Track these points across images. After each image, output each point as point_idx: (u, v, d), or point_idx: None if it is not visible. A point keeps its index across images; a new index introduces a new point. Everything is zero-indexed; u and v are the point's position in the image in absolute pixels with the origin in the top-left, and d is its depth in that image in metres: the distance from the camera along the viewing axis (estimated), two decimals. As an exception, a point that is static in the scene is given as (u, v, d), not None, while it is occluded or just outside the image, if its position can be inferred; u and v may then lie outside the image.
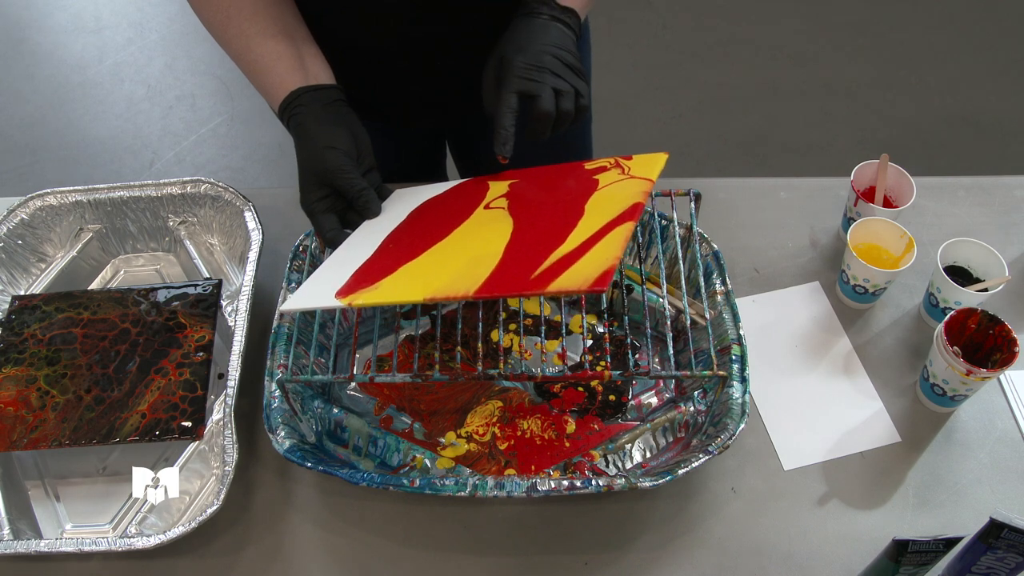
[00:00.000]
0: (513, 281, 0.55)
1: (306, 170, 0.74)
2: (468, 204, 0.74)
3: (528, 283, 0.55)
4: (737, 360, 0.78)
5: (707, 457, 0.71)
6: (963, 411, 0.84)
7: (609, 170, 0.74)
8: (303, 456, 0.74)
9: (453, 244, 0.64)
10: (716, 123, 2.21)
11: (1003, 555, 0.64)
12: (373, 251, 0.71)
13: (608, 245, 0.56)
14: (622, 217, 0.60)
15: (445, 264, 0.61)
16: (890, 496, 0.79)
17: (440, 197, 0.78)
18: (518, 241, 0.60)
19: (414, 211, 0.76)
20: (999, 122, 2.18)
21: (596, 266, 0.54)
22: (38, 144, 2.24)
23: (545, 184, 0.74)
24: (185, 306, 0.86)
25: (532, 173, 0.78)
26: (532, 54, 0.71)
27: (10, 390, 0.81)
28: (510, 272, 0.56)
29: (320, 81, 0.77)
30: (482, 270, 0.58)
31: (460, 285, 0.58)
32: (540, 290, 0.54)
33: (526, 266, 0.57)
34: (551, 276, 0.55)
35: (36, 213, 0.94)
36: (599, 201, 0.65)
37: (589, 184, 0.70)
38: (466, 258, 0.61)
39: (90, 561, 0.76)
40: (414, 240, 0.68)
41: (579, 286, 0.54)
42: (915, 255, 0.86)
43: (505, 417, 0.83)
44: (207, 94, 2.34)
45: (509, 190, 0.75)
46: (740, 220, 1.00)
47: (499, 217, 0.67)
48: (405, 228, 0.73)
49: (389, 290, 0.60)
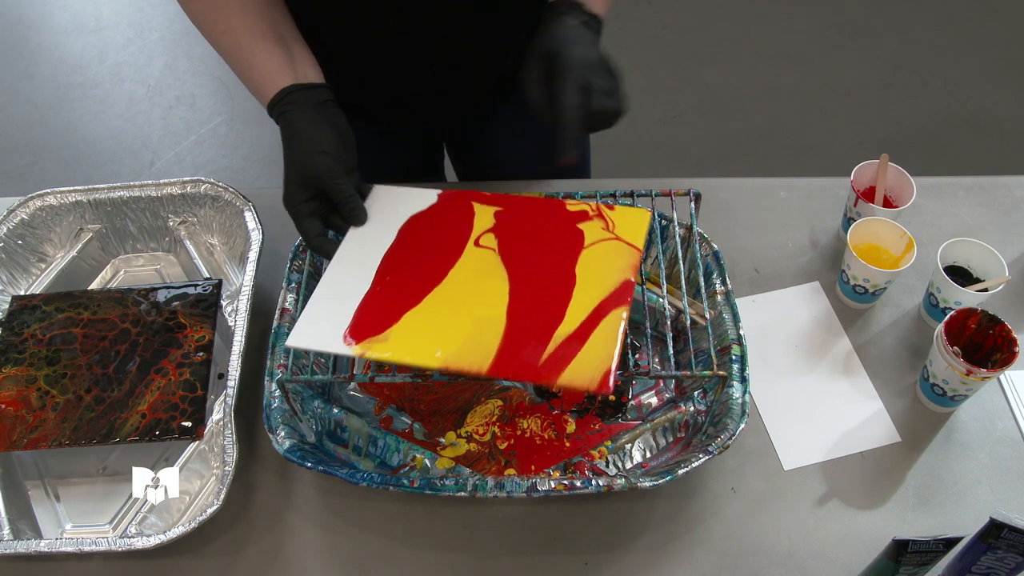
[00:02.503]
0: (524, 367, 0.64)
1: (294, 170, 0.74)
2: (457, 233, 0.76)
3: (538, 371, 0.64)
4: (737, 360, 0.78)
5: (707, 457, 0.71)
6: (963, 411, 0.84)
7: (591, 218, 0.77)
8: (303, 456, 0.74)
9: (453, 293, 0.70)
10: (716, 123, 2.21)
11: (1003, 555, 0.64)
12: (370, 282, 0.72)
13: (605, 338, 0.65)
14: (614, 298, 0.68)
15: (452, 324, 0.67)
16: (890, 496, 0.79)
17: (427, 215, 0.78)
18: (517, 306, 0.68)
19: (403, 230, 0.77)
20: (999, 122, 2.18)
21: (598, 364, 0.64)
22: (38, 144, 2.24)
23: (529, 223, 0.77)
24: (185, 306, 0.86)
25: (513, 202, 0.79)
26: (583, 51, 0.71)
27: (10, 390, 0.81)
28: (518, 350, 0.65)
29: (310, 80, 0.77)
30: (490, 340, 0.66)
31: (473, 357, 0.65)
32: (550, 382, 0.64)
33: (533, 345, 0.65)
34: (557, 364, 0.64)
35: (36, 213, 0.94)
36: (588, 265, 0.72)
37: (574, 236, 0.75)
38: (472, 321, 0.67)
39: (90, 561, 0.76)
40: (412, 277, 0.71)
41: (586, 385, 0.63)
42: (915, 255, 0.86)
43: (505, 416, 0.83)
44: (207, 94, 2.34)
45: (496, 223, 0.77)
46: (740, 220, 1.00)
47: (492, 264, 0.72)
48: (398, 256, 0.74)
49: (401, 346, 0.66)
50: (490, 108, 1.02)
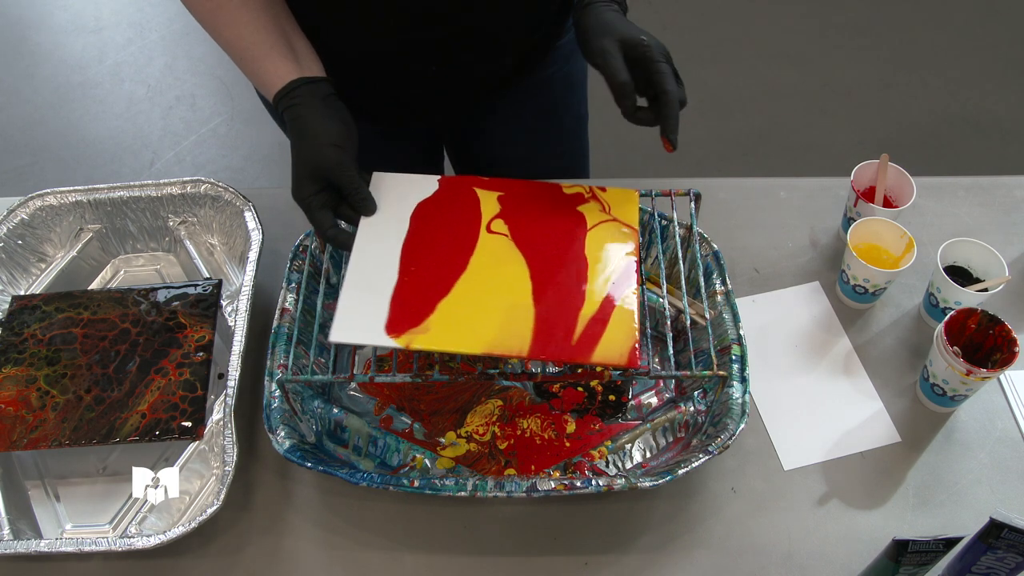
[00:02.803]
0: (560, 349, 0.69)
1: (304, 164, 0.74)
2: (467, 219, 0.78)
3: (572, 351, 0.69)
4: (737, 360, 0.78)
5: (707, 457, 0.71)
6: (963, 411, 0.84)
7: (588, 201, 0.80)
8: (303, 456, 0.74)
9: (478, 281, 0.73)
10: (716, 123, 2.21)
11: (1003, 555, 0.64)
12: (396, 273, 0.74)
13: (625, 315, 0.71)
14: (625, 277, 0.73)
15: (484, 311, 0.71)
16: (890, 496, 0.79)
17: (433, 202, 0.79)
18: (542, 292, 0.72)
19: (414, 218, 0.78)
20: (999, 122, 2.18)
21: (624, 339, 0.69)
22: (38, 144, 2.24)
23: (533, 207, 0.79)
24: (185, 306, 0.86)
25: (512, 186, 0.81)
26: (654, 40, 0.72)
27: (10, 390, 0.81)
28: (550, 333, 0.70)
29: (313, 73, 0.77)
30: (523, 325, 0.70)
31: (512, 343, 0.69)
32: (585, 360, 0.68)
33: (562, 327, 0.70)
34: (588, 344, 0.69)
35: (36, 213, 0.94)
36: (595, 247, 0.76)
37: (576, 219, 0.78)
38: (503, 307, 0.71)
39: (90, 561, 0.76)
40: (436, 266, 0.74)
41: (616, 360, 0.68)
42: (915, 255, 0.86)
43: (505, 416, 0.83)
44: (207, 94, 2.34)
45: (501, 207, 0.79)
46: (740, 220, 1.00)
47: (508, 250, 0.75)
48: (417, 245, 0.76)
49: (443, 336, 0.70)
50: (489, 108, 1.02)
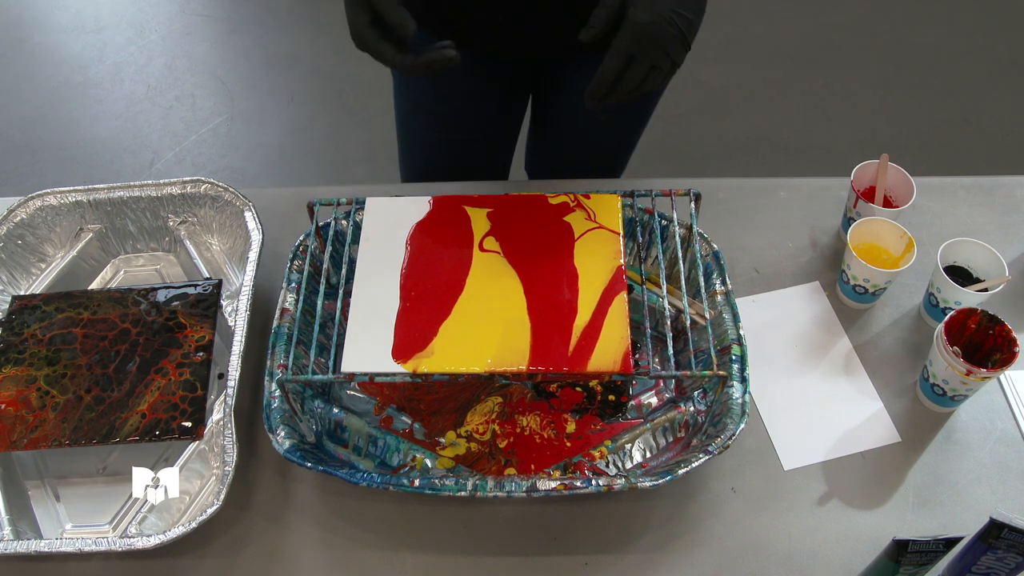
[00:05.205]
0: (558, 361, 0.72)
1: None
2: (460, 239, 0.80)
3: (569, 362, 0.71)
4: (737, 360, 0.78)
5: (707, 457, 0.71)
6: (963, 411, 0.84)
7: (573, 210, 0.83)
8: (303, 456, 0.74)
9: (476, 300, 0.76)
10: (716, 123, 2.21)
11: (1003, 555, 0.64)
12: (398, 299, 0.76)
13: (616, 323, 0.74)
14: (613, 285, 0.76)
15: (483, 330, 0.74)
16: (890, 496, 0.79)
17: (427, 224, 0.82)
18: (536, 306, 0.75)
19: (410, 241, 0.80)
20: (999, 122, 2.18)
21: (616, 347, 0.72)
22: (38, 144, 2.23)
23: (521, 222, 0.82)
24: (185, 306, 0.86)
25: (500, 202, 0.83)
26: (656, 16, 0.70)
27: (10, 390, 0.81)
28: (547, 346, 0.73)
29: None
30: (520, 340, 0.73)
31: (512, 358, 0.72)
32: (581, 370, 0.71)
33: (558, 339, 0.73)
34: (583, 354, 0.72)
35: (36, 213, 0.94)
36: (583, 257, 0.79)
37: (563, 230, 0.81)
38: (501, 324, 0.74)
39: (90, 561, 0.76)
40: (435, 289, 0.77)
41: (610, 368, 0.71)
42: (915, 255, 0.86)
43: (505, 413, 0.83)
44: (207, 94, 2.33)
45: (491, 225, 0.81)
46: (740, 220, 1.00)
47: (501, 267, 0.78)
48: (415, 269, 0.79)
49: (447, 358, 0.73)
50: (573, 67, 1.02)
